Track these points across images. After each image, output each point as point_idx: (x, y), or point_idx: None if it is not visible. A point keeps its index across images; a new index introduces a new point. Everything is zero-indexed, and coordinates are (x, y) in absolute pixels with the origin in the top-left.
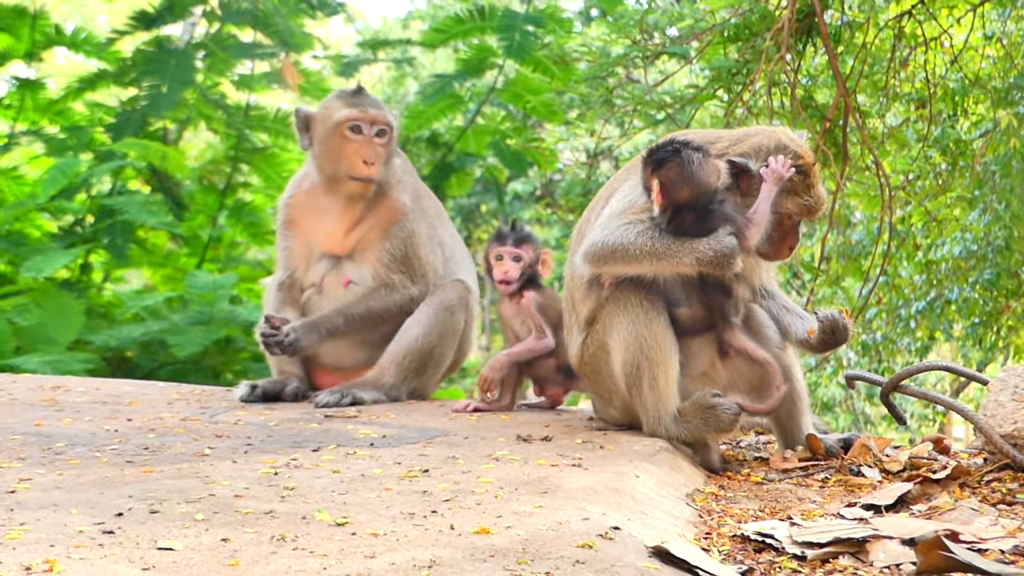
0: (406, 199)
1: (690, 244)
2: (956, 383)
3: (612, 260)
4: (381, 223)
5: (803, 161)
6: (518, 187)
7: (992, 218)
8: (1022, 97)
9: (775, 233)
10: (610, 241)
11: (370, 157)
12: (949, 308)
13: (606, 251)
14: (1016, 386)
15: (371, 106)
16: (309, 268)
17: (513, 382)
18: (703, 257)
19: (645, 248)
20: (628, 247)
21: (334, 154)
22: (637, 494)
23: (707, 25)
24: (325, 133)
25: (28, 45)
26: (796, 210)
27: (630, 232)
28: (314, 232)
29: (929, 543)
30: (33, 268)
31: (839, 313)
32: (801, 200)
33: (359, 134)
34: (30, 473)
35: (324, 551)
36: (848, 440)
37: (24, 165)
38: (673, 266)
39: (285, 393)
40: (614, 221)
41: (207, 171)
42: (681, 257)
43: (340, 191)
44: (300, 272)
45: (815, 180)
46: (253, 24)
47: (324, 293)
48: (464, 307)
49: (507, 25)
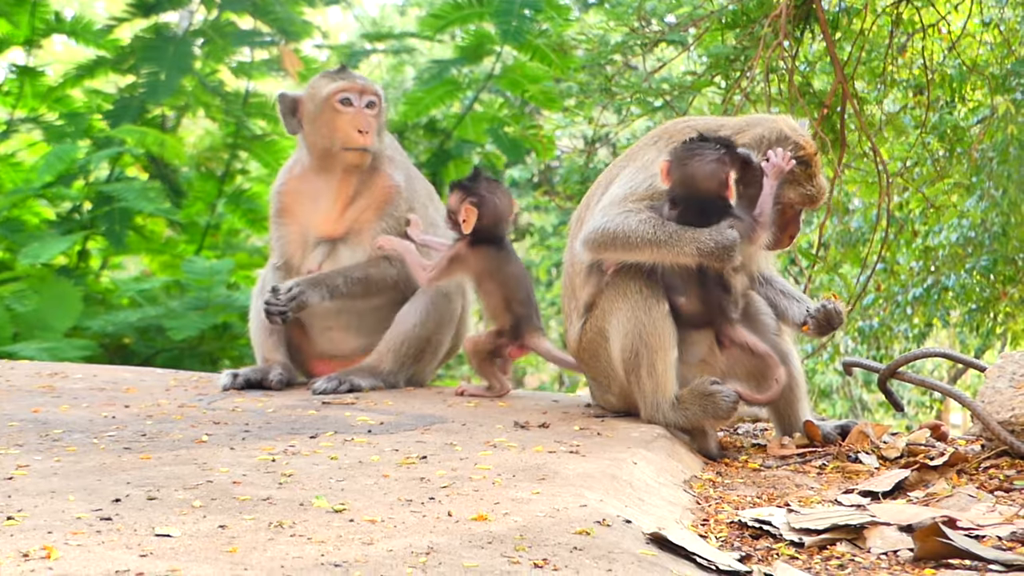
0: (399, 177)
1: (692, 234)
2: (953, 370)
3: (612, 247)
4: (375, 202)
5: (804, 152)
6: (516, 174)
7: (989, 204)
8: (1020, 83)
9: (776, 222)
10: (611, 228)
11: (364, 126)
12: (946, 295)
13: (606, 237)
14: (1014, 373)
15: (358, 78)
16: (305, 256)
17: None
18: (704, 248)
19: (646, 236)
20: (629, 234)
21: (327, 128)
22: (635, 481)
23: (705, 12)
24: (315, 110)
25: (28, 32)
26: (798, 200)
27: (631, 219)
28: (308, 216)
29: (926, 529)
30: (31, 254)
31: (828, 301)
32: (803, 190)
33: (350, 106)
34: (28, 460)
35: (322, 537)
36: (846, 427)
37: (22, 151)
38: (674, 255)
39: (269, 381)
40: (615, 207)
41: (205, 158)
42: (682, 246)
43: (335, 167)
44: (296, 260)
45: (816, 170)
46: (252, 11)
47: None
48: (460, 293)
49: (505, 10)
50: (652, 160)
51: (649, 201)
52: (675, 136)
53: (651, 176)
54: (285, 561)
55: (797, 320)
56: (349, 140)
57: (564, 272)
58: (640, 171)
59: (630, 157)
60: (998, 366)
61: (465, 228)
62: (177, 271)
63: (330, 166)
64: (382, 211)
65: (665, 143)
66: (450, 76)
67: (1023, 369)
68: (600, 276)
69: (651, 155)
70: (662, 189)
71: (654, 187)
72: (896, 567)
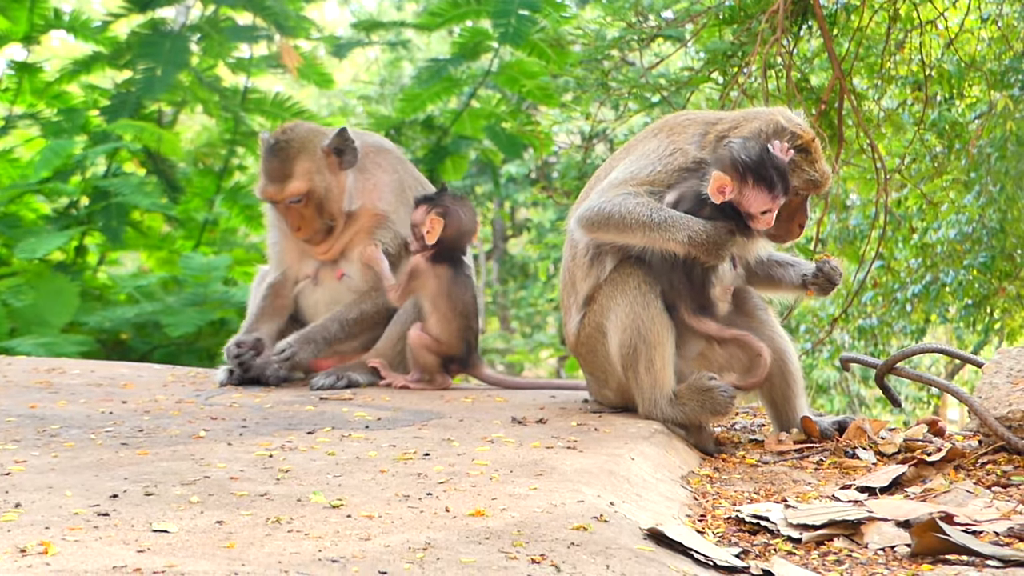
0: (383, 205)
1: (687, 222)
2: (951, 365)
3: (606, 226)
4: (364, 229)
5: (802, 140)
6: (513, 170)
7: (987, 200)
8: (1018, 79)
9: (783, 212)
10: (606, 208)
11: (293, 224)
12: (944, 291)
13: (602, 216)
14: (1011, 368)
15: (271, 181)
16: (302, 264)
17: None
18: (696, 237)
19: (641, 217)
20: (625, 215)
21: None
22: (632, 476)
23: (702, 7)
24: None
25: (26, 28)
26: (802, 186)
27: (628, 201)
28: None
29: (924, 525)
30: (28, 250)
31: (823, 261)
32: (806, 176)
33: (276, 205)
34: (25, 455)
35: (319, 533)
36: (843, 422)
37: (19, 147)
38: (665, 240)
39: (266, 376)
40: (613, 190)
41: (203, 154)
42: (675, 233)
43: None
44: (293, 270)
45: (817, 155)
46: (248, 6)
47: (320, 284)
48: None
49: (503, 10)
50: (653, 150)
51: (649, 186)
52: (675, 129)
53: (652, 163)
54: (282, 557)
55: (796, 284)
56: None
57: (564, 265)
58: (641, 158)
59: (629, 149)
60: (995, 362)
61: (429, 239)
62: (174, 267)
63: None
64: (372, 235)
65: (666, 135)
66: (448, 74)
67: (1020, 365)
68: (601, 270)
69: (652, 145)
70: (662, 176)
71: (655, 173)
72: (893, 563)
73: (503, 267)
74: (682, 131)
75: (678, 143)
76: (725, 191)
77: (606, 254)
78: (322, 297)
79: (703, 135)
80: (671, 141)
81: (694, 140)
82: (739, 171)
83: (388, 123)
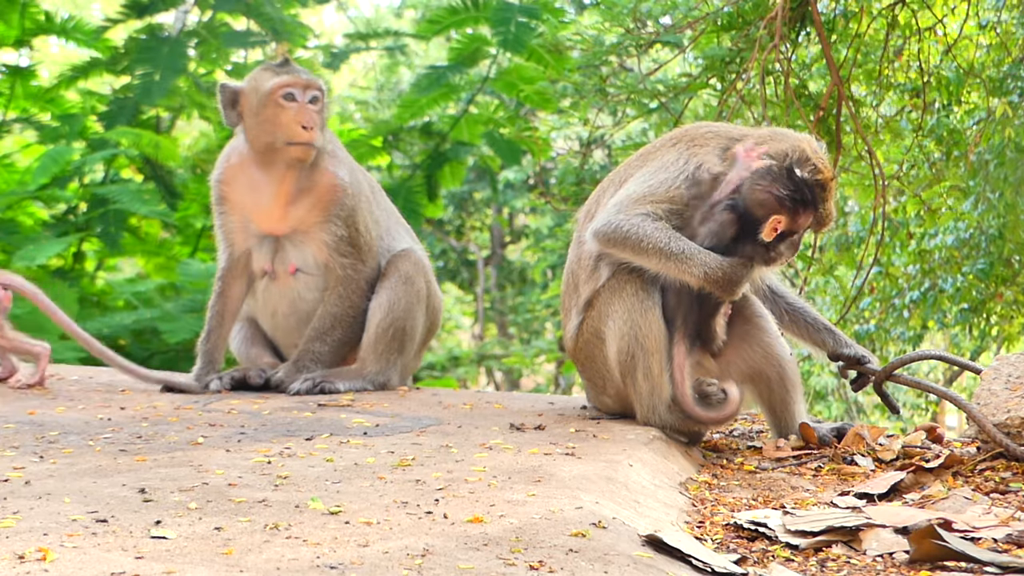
0: (343, 174)
1: (704, 256)
2: (949, 372)
3: (622, 246)
4: (321, 203)
5: (822, 176)
6: (511, 175)
7: (986, 207)
8: (1017, 86)
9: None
10: (625, 227)
11: (308, 122)
12: (943, 298)
13: (619, 235)
14: (1009, 375)
15: (302, 72)
16: (250, 250)
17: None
18: (712, 274)
19: (659, 245)
20: (642, 239)
21: (270, 124)
22: (630, 483)
23: (701, 13)
24: (258, 104)
25: (17, 32)
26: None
27: (647, 224)
28: (249, 208)
29: (922, 532)
30: (26, 256)
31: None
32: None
33: (293, 101)
34: (24, 462)
35: (317, 540)
36: (841, 429)
37: (16, 153)
38: (680, 271)
39: (249, 379)
40: (634, 207)
41: (200, 160)
42: (691, 266)
43: (277, 161)
44: (240, 250)
45: (830, 194)
46: (245, 12)
47: (277, 279)
48: (420, 272)
49: (502, 18)
50: (672, 162)
51: (668, 204)
52: (696, 140)
53: (671, 178)
54: (281, 563)
55: (822, 347)
56: (294, 135)
57: (567, 268)
58: (660, 171)
59: (646, 157)
60: (993, 368)
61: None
62: (172, 273)
63: (272, 160)
64: (328, 211)
65: (685, 146)
66: (447, 81)
67: (1018, 371)
68: (604, 275)
69: (671, 157)
70: (681, 193)
71: (673, 190)
72: (892, 569)
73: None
74: (704, 143)
75: (699, 156)
76: (778, 227)
77: (608, 259)
78: (280, 303)
79: (724, 149)
80: (691, 153)
81: (715, 153)
82: (787, 205)
83: (386, 128)
